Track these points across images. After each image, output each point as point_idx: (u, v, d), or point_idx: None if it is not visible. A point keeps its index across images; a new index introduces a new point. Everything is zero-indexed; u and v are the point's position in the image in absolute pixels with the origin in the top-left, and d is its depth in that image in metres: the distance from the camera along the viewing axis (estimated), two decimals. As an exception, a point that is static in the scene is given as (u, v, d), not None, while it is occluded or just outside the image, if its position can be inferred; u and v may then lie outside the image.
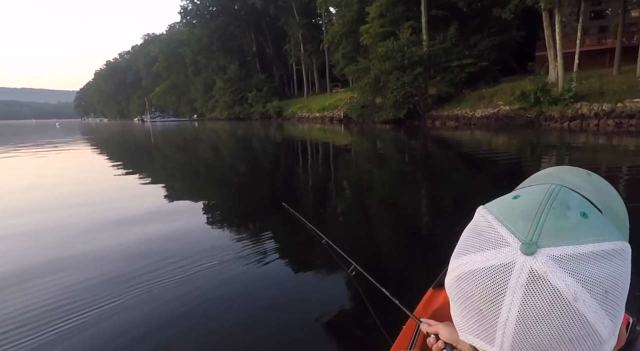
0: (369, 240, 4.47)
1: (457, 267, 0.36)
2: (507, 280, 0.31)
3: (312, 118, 40.36)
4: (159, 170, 11.36)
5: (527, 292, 0.30)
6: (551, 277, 0.30)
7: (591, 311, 0.30)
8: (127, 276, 3.38)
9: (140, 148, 20.09)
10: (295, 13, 49.21)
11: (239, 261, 3.73)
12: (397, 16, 28.83)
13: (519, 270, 0.31)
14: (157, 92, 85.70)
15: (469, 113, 23.72)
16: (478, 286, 0.33)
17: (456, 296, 0.36)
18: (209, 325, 2.64)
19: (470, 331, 0.35)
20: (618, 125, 17.05)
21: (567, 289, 0.30)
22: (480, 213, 0.38)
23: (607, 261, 0.31)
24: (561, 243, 0.31)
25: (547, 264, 0.30)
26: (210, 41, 61.52)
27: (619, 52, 20.25)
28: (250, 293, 3.11)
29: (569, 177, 0.41)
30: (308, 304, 2.97)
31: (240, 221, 5.50)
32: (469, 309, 0.35)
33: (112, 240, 4.44)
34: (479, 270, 0.34)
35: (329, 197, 7.02)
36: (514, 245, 0.32)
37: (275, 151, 16.35)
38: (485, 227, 0.36)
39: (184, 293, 3.05)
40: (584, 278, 0.30)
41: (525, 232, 0.33)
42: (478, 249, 0.35)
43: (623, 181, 7.09)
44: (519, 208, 0.36)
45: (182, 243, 4.31)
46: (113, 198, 6.98)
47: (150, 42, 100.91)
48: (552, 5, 19.72)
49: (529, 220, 0.33)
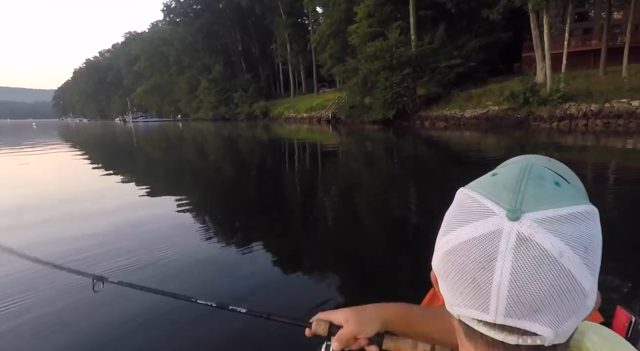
0: (360, 245, 4.24)
1: (447, 243, 0.38)
2: (497, 245, 0.34)
3: (300, 118, 39.91)
4: (139, 172, 10.75)
5: (516, 254, 0.33)
6: (537, 238, 0.33)
7: (575, 266, 0.33)
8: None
9: (122, 150, 19.28)
10: (282, 12, 48.69)
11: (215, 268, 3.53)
12: (386, 16, 28.71)
13: (507, 234, 0.34)
14: (139, 91, 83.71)
15: (458, 114, 23.69)
16: (469, 255, 0.35)
17: (447, 271, 0.38)
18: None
19: (463, 303, 0.37)
20: (606, 125, 17.20)
21: (552, 247, 0.33)
22: (463, 192, 0.40)
23: (582, 221, 0.35)
24: (542, 208, 0.34)
25: (532, 227, 0.33)
26: (194, 40, 60.34)
27: (605, 54, 20.50)
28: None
29: (534, 160, 0.44)
30: None
31: (222, 226, 5.17)
32: (462, 280, 0.36)
33: (85, 244, 4.05)
34: (469, 241, 0.35)
35: (316, 199, 6.82)
36: (500, 214, 0.35)
37: (261, 152, 15.93)
38: (470, 202, 0.38)
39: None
40: (566, 236, 0.33)
41: (509, 201, 0.35)
42: (465, 222, 0.37)
43: (611, 180, 7.24)
44: (500, 182, 0.38)
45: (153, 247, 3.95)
46: (86, 200, 6.50)
47: (131, 40, 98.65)
48: (540, 6, 19.82)
49: (511, 190, 0.36)
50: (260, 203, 6.56)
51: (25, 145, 21.16)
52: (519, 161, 0.45)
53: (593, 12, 29.88)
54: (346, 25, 32.11)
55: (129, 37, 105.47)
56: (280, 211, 5.79)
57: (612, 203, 5.52)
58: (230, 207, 6.38)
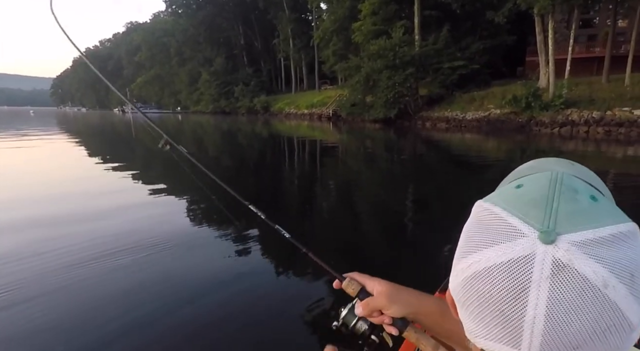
0: (359, 244, 4.27)
1: (468, 267, 0.33)
2: (530, 273, 0.29)
3: (300, 114, 39.75)
4: (138, 164, 10.67)
5: (553, 284, 0.28)
6: (577, 265, 0.28)
7: (621, 297, 0.28)
8: (87, 275, 3.21)
9: (121, 141, 19.14)
10: (285, 7, 48.34)
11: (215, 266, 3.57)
12: (390, 15, 28.55)
13: (540, 260, 0.29)
14: (139, 82, 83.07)
15: (459, 116, 23.63)
16: (496, 284, 0.30)
17: (468, 300, 0.33)
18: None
19: (490, 336, 0.32)
20: (607, 133, 17.20)
21: (595, 276, 0.28)
22: (483, 207, 0.35)
23: (626, 243, 0.30)
24: (580, 228, 0.29)
25: (570, 251, 0.29)
26: (196, 32, 59.92)
27: (608, 61, 20.47)
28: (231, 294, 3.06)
29: (557, 167, 0.39)
30: (294, 315, 2.79)
31: (218, 222, 5.13)
32: (487, 312, 0.31)
33: (77, 236, 4.11)
34: (495, 267, 0.31)
35: (316, 199, 6.80)
36: (530, 235, 0.30)
37: (261, 147, 15.88)
38: (492, 220, 0.33)
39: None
40: (609, 262, 0.29)
41: (540, 220, 0.30)
42: (489, 244, 0.32)
43: (610, 187, 7.28)
44: (527, 196, 0.33)
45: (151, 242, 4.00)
46: (81, 190, 6.62)
47: (133, 30, 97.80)
48: (546, 10, 19.74)
49: (541, 206, 0.31)
50: (257, 199, 6.51)
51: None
52: (537, 167, 0.40)
53: (598, 19, 29.82)
54: (350, 22, 31.92)
55: (130, 27, 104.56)
56: (278, 207, 5.77)
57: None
58: (227, 202, 6.30)
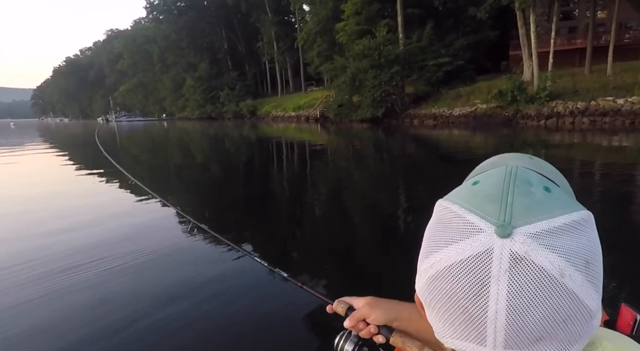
0: (347, 242, 4.26)
1: (430, 267, 0.33)
2: (489, 268, 0.29)
3: (287, 117, 39.51)
4: (124, 175, 10.33)
5: (512, 277, 0.29)
6: (534, 256, 0.29)
7: (578, 285, 0.29)
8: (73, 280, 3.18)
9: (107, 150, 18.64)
10: (268, 10, 48.11)
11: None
12: (373, 14, 28.58)
13: (498, 255, 0.29)
14: (122, 90, 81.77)
15: (446, 112, 23.70)
16: (458, 282, 0.31)
17: (433, 299, 0.33)
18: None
19: (455, 335, 0.33)
20: (592, 123, 17.39)
21: (551, 266, 0.28)
22: (442, 206, 0.36)
23: (579, 231, 0.31)
24: (534, 220, 0.30)
25: (526, 243, 0.29)
26: (178, 38, 59.18)
27: (590, 52, 20.75)
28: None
29: (515, 161, 0.40)
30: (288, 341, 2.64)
31: (208, 226, 5.03)
32: (451, 310, 0.32)
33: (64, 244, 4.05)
34: (456, 264, 0.31)
35: (304, 198, 6.77)
36: (487, 230, 0.30)
37: (248, 151, 15.68)
38: (451, 218, 0.33)
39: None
40: (564, 251, 0.29)
41: (496, 214, 0.31)
42: (449, 242, 0.32)
43: (597, 176, 7.48)
44: (483, 192, 0.34)
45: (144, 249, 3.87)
46: (68, 201, 6.28)
47: (113, 37, 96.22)
48: (527, 4, 19.92)
49: (497, 201, 0.32)
50: (246, 203, 6.41)
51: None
52: (498, 163, 0.40)
53: (578, 11, 30.34)
54: (333, 23, 31.84)
55: (110, 34, 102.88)
56: (268, 211, 5.66)
57: (601, 199, 5.58)
58: (216, 206, 6.25)
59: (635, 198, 5.71)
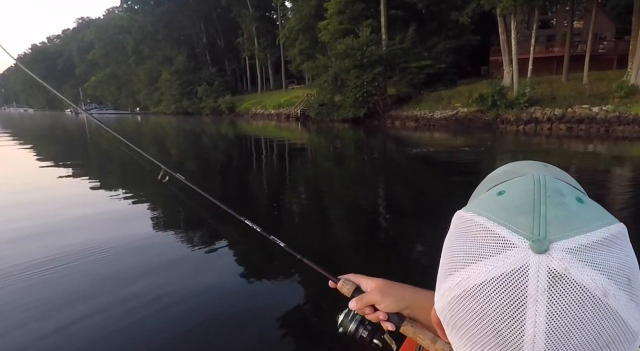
0: (328, 242, 4.28)
1: (456, 285, 0.30)
2: (525, 287, 0.27)
3: (267, 115, 38.78)
4: (96, 171, 9.64)
5: (551, 297, 0.26)
6: (575, 274, 0.26)
7: (622, 305, 0.27)
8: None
9: (75, 144, 17.55)
10: (249, 5, 47.04)
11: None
12: (356, 14, 28.38)
13: (535, 272, 0.27)
14: (93, 81, 78.13)
15: (428, 114, 23.79)
16: (490, 302, 0.28)
17: (460, 320, 0.30)
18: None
19: None
20: (569, 129, 17.81)
21: (594, 284, 0.26)
22: (465, 217, 0.33)
23: (618, 246, 0.28)
24: (571, 234, 0.27)
25: (565, 260, 0.26)
26: (154, 29, 57.03)
27: (567, 60, 21.29)
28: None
29: (532, 170, 0.37)
30: (290, 320, 2.73)
31: (184, 228, 5.08)
32: (481, 333, 0.29)
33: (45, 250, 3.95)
34: (487, 282, 0.28)
35: (284, 198, 6.74)
36: (521, 245, 0.28)
37: (227, 149, 15.18)
38: (478, 231, 0.31)
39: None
40: (606, 268, 0.27)
41: (529, 228, 0.28)
42: (478, 258, 0.29)
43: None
44: (512, 203, 0.31)
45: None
46: (39, 201, 6.15)
47: (84, 26, 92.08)
48: (509, 11, 20.20)
49: (529, 213, 0.29)
50: (225, 201, 5.98)
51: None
52: (516, 171, 0.37)
53: (556, 20, 31.24)
54: (316, 21, 31.41)
55: (81, 23, 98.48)
56: (246, 210, 5.22)
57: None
58: (192, 206, 5.86)
59: (613, 205, 5.67)
